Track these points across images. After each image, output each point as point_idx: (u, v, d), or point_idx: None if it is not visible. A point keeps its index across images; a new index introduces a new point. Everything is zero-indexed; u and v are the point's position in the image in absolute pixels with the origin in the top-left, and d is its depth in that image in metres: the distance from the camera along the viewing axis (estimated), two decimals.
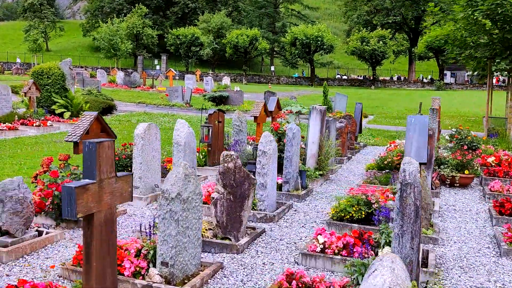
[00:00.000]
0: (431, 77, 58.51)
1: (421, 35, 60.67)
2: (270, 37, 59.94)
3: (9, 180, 4.86)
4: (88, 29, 74.89)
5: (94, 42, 74.93)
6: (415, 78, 59.98)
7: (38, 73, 17.42)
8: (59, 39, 79.33)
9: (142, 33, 61.50)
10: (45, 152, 10.34)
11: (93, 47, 76.42)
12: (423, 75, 62.13)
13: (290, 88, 45.80)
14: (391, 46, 49.67)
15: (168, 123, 16.29)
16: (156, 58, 62.16)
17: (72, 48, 76.23)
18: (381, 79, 55.18)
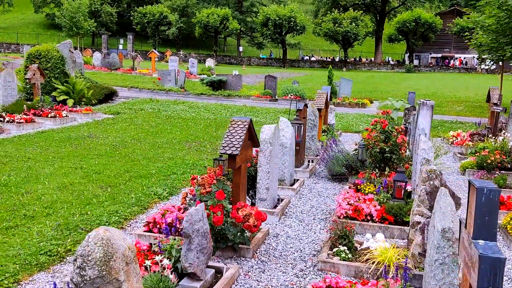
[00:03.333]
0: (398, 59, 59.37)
1: (387, 17, 61.28)
2: (238, 17, 58.41)
3: (194, 209, 3.87)
4: (39, 5, 70.05)
5: (47, 19, 70.64)
6: (382, 60, 60.66)
7: (34, 56, 15.67)
8: (7, 15, 73.78)
9: (100, 10, 58.31)
10: (95, 151, 9.10)
11: (45, 24, 71.85)
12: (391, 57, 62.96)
13: (263, 69, 44.89)
14: (363, 28, 49.69)
15: (186, 112, 15.12)
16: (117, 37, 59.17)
17: (22, 25, 71.16)
18: (350, 61, 55.29)
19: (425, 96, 24.02)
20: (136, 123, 12.67)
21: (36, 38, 57.30)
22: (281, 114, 15.67)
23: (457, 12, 59.69)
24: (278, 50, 65.03)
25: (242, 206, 4.36)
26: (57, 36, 60.18)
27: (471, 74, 47.66)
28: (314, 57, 63.51)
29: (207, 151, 9.62)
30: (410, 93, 11.83)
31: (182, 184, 7.27)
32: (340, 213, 5.66)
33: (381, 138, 7.31)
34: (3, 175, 7.15)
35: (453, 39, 59.54)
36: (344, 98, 20.61)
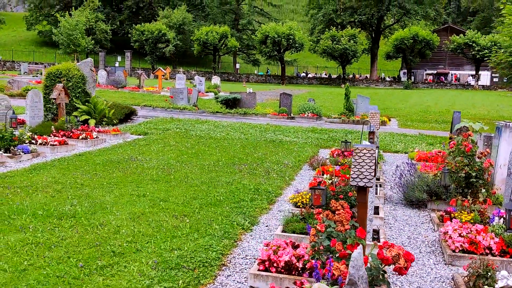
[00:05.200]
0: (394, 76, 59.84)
1: (383, 34, 61.93)
2: (235, 35, 58.50)
3: (357, 253, 3.44)
4: (32, 23, 69.41)
5: (39, 36, 69.91)
6: (378, 76, 61.09)
7: (55, 75, 15.08)
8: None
9: (95, 27, 57.90)
10: (146, 175, 8.60)
11: (38, 41, 71.08)
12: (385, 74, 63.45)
13: (264, 86, 44.83)
14: (361, 45, 50.01)
15: (214, 131, 14.67)
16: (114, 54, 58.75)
17: (14, 43, 70.25)
18: (348, 77, 55.50)
19: (440, 113, 23.96)
20: (170, 144, 12.19)
21: (32, 55, 56.54)
22: (306, 132, 15.35)
23: (451, 29, 60.63)
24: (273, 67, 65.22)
25: (389, 245, 3.93)
26: (52, 53, 59.59)
27: (470, 91, 48.10)
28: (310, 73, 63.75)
29: (261, 174, 9.18)
30: (455, 112, 11.53)
31: (256, 212, 6.82)
32: (455, 246, 5.25)
33: (464, 162, 6.96)
34: (65, 204, 6.64)
35: (447, 56, 60.34)
36: (363, 116, 20.35)
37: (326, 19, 58.50)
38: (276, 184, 8.45)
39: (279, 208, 7.17)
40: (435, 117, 22.16)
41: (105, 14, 64.19)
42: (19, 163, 9.38)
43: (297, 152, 11.75)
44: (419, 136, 15.58)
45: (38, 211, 6.28)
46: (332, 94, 36.37)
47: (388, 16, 58.65)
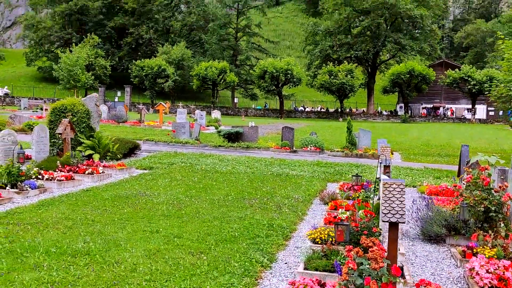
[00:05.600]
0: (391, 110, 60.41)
1: (379, 69, 62.91)
2: (234, 70, 59.24)
3: None
4: (32, 59, 70.23)
5: (39, 72, 70.61)
6: (374, 110, 61.65)
7: (60, 110, 15.10)
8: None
9: (95, 63, 58.53)
10: (156, 211, 8.46)
11: (37, 77, 71.72)
12: (382, 108, 64.06)
13: (263, 120, 45.00)
14: (358, 80, 50.67)
15: (219, 165, 14.58)
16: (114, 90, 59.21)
17: (13, 78, 70.88)
18: (346, 111, 55.94)
19: (441, 147, 24.03)
20: (176, 178, 12.08)
21: (31, 91, 56.89)
22: (312, 166, 15.29)
23: (446, 64, 61.68)
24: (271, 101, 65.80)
25: (427, 283, 3.81)
26: (51, 88, 60.05)
27: (467, 124, 48.48)
28: (306, 107, 64.28)
29: (273, 209, 9.06)
30: (463, 146, 11.54)
31: (273, 249, 6.67)
32: (483, 283, 5.12)
33: (483, 196, 6.88)
34: (78, 241, 6.48)
35: (443, 90, 61.12)
36: (366, 149, 20.37)
37: (322, 54, 59.47)
38: (289, 219, 8.32)
39: (295, 244, 7.02)
40: (437, 151, 22.19)
41: (105, 50, 65.12)
42: (26, 198, 9.24)
43: (306, 186, 11.66)
44: (424, 169, 15.54)
45: (51, 249, 6.12)
46: (331, 128, 36.55)
47: (383, 51, 59.72)
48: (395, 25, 59.01)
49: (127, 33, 70.24)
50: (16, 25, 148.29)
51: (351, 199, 9.46)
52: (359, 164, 16.18)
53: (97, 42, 59.96)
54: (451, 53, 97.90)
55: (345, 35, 59.49)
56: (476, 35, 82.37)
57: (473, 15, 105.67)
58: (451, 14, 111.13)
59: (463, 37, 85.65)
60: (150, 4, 68.70)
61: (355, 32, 60.25)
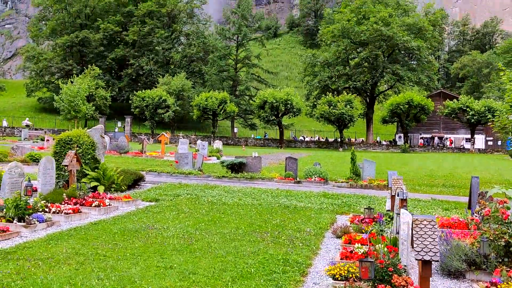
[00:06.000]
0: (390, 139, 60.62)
1: (377, 100, 63.45)
2: (233, 100, 59.65)
3: None
4: (32, 89, 70.66)
5: (39, 103, 70.92)
6: (374, 140, 61.83)
7: (65, 142, 15.05)
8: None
9: (95, 94, 58.88)
10: (167, 245, 8.30)
11: (37, 107, 71.99)
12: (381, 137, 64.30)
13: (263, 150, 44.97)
14: (357, 110, 51.01)
15: (225, 197, 14.44)
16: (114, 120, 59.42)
17: (13, 109, 71.19)
18: (345, 141, 56.07)
19: (446, 177, 23.95)
20: (183, 211, 11.93)
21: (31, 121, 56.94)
22: (318, 197, 15.15)
23: (443, 94, 62.32)
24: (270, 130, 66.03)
25: None
26: (51, 119, 60.18)
27: (466, 154, 48.55)
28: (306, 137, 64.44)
29: (285, 243, 8.90)
30: (473, 178, 11.44)
31: (291, 285, 6.51)
32: None
33: (503, 230, 6.78)
34: (92, 278, 6.32)
35: (441, 120, 61.54)
36: (370, 180, 20.28)
37: (321, 85, 60.07)
38: (303, 253, 8.16)
39: (313, 281, 6.86)
40: (441, 181, 22.11)
41: (105, 81, 65.65)
42: (34, 232, 9.07)
43: (315, 218, 11.51)
44: (432, 201, 15.43)
45: (65, 286, 5.96)
46: (332, 158, 36.53)
47: (381, 82, 60.36)
48: (392, 57, 59.87)
49: (127, 64, 70.97)
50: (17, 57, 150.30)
51: (364, 232, 9.33)
52: (366, 196, 16.05)
53: (98, 73, 60.49)
54: (447, 84, 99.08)
55: (343, 66, 60.24)
56: (472, 66, 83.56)
57: (468, 47, 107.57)
58: (446, 46, 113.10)
59: (459, 68, 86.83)
60: (151, 37, 69.70)
61: (353, 63, 61.04)
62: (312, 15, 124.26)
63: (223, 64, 64.23)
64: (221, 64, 63.58)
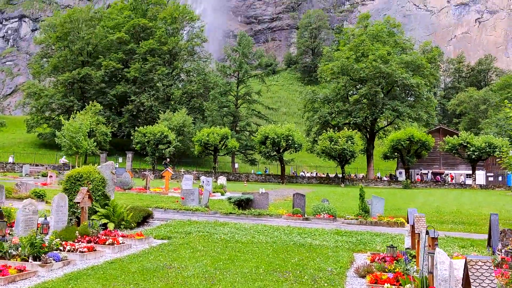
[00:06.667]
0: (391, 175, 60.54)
1: (377, 136, 63.75)
2: (234, 135, 59.81)
3: None
4: (33, 125, 70.73)
5: (39, 138, 70.86)
6: (375, 176, 61.69)
7: (76, 178, 14.94)
8: None
9: (95, 130, 58.91)
10: (190, 285, 8.07)
11: (37, 143, 71.86)
12: (381, 173, 64.23)
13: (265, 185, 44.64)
14: (358, 146, 51.13)
15: (237, 234, 14.21)
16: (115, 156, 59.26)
17: (13, 145, 71.02)
18: (347, 177, 55.93)
19: (453, 214, 23.76)
20: (198, 249, 11.71)
21: (31, 157, 56.78)
22: (331, 235, 14.93)
23: (443, 130, 62.74)
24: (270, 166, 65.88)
25: None
26: (51, 154, 59.98)
27: (469, 190, 48.39)
28: (305, 172, 64.28)
29: (310, 283, 8.69)
30: (492, 215, 11.33)
31: None
32: None
33: None
34: None
35: (441, 156, 61.68)
36: (380, 217, 20.07)
37: (321, 121, 60.44)
38: None
39: None
40: (450, 218, 21.92)
41: (106, 117, 65.89)
42: (51, 272, 8.84)
43: (333, 257, 11.30)
44: (446, 238, 15.22)
45: None
46: (336, 194, 36.28)
47: (381, 118, 60.81)
48: (392, 93, 60.57)
49: (128, 101, 71.40)
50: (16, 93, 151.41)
51: (388, 271, 9.14)
52: (379, 233, 15.85)
53: (99, 109, 60.76)
54: (444, 120, 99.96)
55: (343, 103, 60.82)
56: (469, 102, 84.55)
57: (463, 83, 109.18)
58: (442, 83, 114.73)
59: (457, 104, 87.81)
60: (152, 73, 70.50)
61: (352, 100, 61.66)
62: (310, 53, 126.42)
63: (224, 100, 64.80)
64: (222, 100, 64.13)
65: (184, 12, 77.57)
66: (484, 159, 52.86)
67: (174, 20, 76.49)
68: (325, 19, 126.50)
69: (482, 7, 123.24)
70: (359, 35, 62.11)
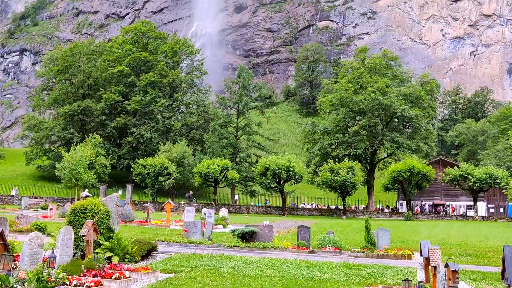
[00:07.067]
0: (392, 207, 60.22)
1: (377, 167, 63.69)
2: (234, 167, 59.65)
3: None
4: (32, 158, 70.54)
5: (38, 171, 70.52)
6: (376, 208, 61.32)
7: (80, 211, 14.73)
8: None
9: (95, 162, 58.70)
10: None
11: (36, 176, 71.49)
12: (382, 204, 63.90)
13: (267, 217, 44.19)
14: (359, 177, 51.00)
15: (245, 268, 13.93)
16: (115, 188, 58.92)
17: (11, 177, 70.66)
18: (348, 209, 55.55)
19: (459, 246, 23.46)
20: (207, 283, 11.45)
21: (29, 189, 56.40)
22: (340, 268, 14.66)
23: (443, 162, 62.77)
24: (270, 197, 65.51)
25: None
26: (49, 187, 59.65)
27: (471, 221, 48.01)
28: (306, 204, 63.87)
29: None
30: (506, 247, 11.14)
31: None
32: None
33: None
34: None
35: (442, 187, 61.51)
36: (386, 250, 19.77)
37: (322, 152, 60.48)
38: None
39: None
40: (456, 250, 21.62)
41: (105, 149, 65.76)
42: None
43: None
44: None
45: None
46: (339, 226, 35.90)
47: (381, 149, 60.92)
48: (391, 125, 60.89)
49: (128, 133, 71.50)
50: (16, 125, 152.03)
51: None
52: (388, 266, 15.58)
53: (99, 141, 60.72)
54: (442, 151, 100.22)
55: (342, 134, 61.02)
56: (468, 133, 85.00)
57: (460, 115, 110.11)
58: (440, 114, 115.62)
59: (455, 136, 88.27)
60: (152, 106, 70.86)
61: (352, 131, 61.90)
62: (307, 85, 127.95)
63: (224, 131, 64.99)
64: (222, 132, 64.32)
65: (184, 46, 78.72)
66: (485, 190, 52.71)
67: (175, 53, 77.52)
68: (322, 53, 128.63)
69: (477, 41, 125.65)
70: (357, 67, 62.94)
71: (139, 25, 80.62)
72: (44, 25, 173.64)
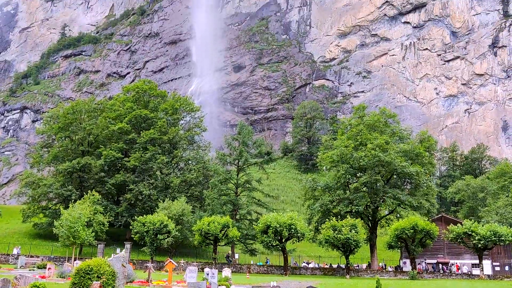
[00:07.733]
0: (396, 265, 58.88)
1: (379, 224, 62.88)
2: (234, 224, 58.74)
3: None
4: (29, 215, 69.38)
5: (34, 229, 69.18)
6: (379, 266, 59.93)
7: (85, 272, 14.36)
8: None
9: (93, 219, 57.75)
10: None
11: (32, 233, 70.04)
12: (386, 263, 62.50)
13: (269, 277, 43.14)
14: (362, 235, 50.20)
15: None
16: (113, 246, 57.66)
17: (6, 235, 69.20)
18: (352, 268, 54.22)
19: None
20: None
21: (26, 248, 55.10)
22: None
23: (445, 219, 62.17)
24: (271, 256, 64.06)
25: None
26: (46, 245, 58.28)
27: (477, 280, 46.86)
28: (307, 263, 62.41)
29: None
30: None
31: None
32: None
33: None
34: None
35: (445, 245, 60.53)
36: None
37: (323, 209, 59.83)
38: None
39: None
40: None
41: (103, 206, 64.87)
42: None
43: None
44: None
45: None
46: (344, 286, 34.95)
47: (382, 206, 60.43)
48: (391, 182, 60.78)
49: (126, 189, 70.88)
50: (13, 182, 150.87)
51: None
52: None
53: (98, 198, 60.04)
54: (441, 208, 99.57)
55: (343, 191, 60.71)
56: (467, 190, 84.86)
57: (458, 172, 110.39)
58: (438, 171, 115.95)
59: (455, 192, 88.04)
60: (152, 162, 70.78)
61: (352, 188, 61.64)
62: (305, 142, 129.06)
63: (224, 188, 64.53)
64: (222, 188, 63.84)
65: (185, 104, 79.93)
66: (490, 248, 51.85)
67: (175, 111, 78.54)
68: (319, 110, 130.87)
69: (470, 99, 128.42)
70: (356, 125, 63.68)
71: (141, 83, 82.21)
72: (46, 83, 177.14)
